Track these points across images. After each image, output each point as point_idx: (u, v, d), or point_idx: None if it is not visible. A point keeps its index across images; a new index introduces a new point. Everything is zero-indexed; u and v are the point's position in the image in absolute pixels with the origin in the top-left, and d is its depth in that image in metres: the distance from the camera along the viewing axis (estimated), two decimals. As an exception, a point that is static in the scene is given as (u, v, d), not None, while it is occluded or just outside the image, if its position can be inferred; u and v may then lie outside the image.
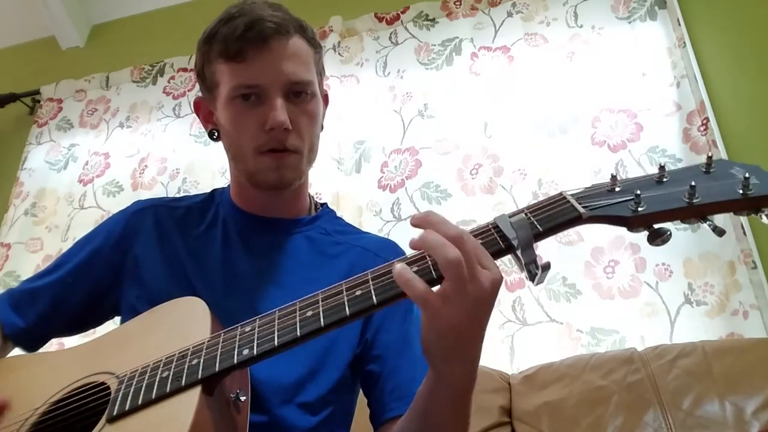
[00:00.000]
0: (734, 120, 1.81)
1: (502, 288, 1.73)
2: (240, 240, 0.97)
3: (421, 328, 0.66)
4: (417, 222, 0.65)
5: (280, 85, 0.89)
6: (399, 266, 0.63)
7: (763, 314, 1.54)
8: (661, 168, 0.66)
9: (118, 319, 0.99)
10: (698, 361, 1.37)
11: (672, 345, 1.47)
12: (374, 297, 0.65)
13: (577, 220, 0.64)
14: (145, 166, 2.36)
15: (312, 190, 1.98)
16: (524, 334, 1.72)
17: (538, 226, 0.64)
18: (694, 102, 1.80)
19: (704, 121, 1.74)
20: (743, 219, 1.63)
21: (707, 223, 0.63)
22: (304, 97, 0.92)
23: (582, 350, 1.63)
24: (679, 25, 1.91)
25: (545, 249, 1.76)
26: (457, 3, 2.23)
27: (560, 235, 1.77)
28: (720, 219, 1.63)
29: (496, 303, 2.05)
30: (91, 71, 2.66)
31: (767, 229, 1.65)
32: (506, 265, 1.72)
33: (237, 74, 0.89)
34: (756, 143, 1.77)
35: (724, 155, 1.71)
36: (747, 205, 0.62)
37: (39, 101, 2.72)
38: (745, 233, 1.61)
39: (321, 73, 0.99)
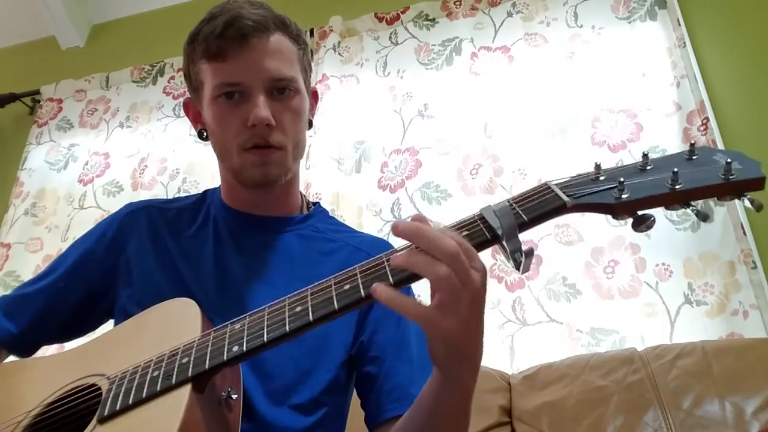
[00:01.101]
0: (734, 120, 1.81)
1: (502, 288, 1.77)
2: (231, 239, 0.97)
3: (426, 340, 0.66)
4: (402, 233, 0.63)
5: (261, 82, 0.89)
6: (384, 291, 0.62)
7: (763, 314, 1.54)
8: (645, 156, 0.66)
9: (112, 322, 0.99)
10: (698, 361, 1.37)
11: (672, 345, 1.46)
12: (362, 290, 0.65)
13: (561, 208, 0.64)
14: (145, 166, 2.36)
15: (312, 190, 2.01)
16: (524, 334, 1.71)
17: (523, 216, 0.64)
18: (694, 102, 1.79)
19: (704, 121, 1.74)
20: (743, 219, 1.63)
21: (690, 208, 0.63)
22: (287, 93, 0.92)
23: (582, 350, 1.63)
24: (679, 25, 1.91)
25: (545, 249, 1.76)
26: (457, 3, 2.23)
27: (560, 235, 1.77)
28: (719, 219, 1.64)
29: (496, 303, 2.03)
30: (91, 71, 2.66)
31: (767, 229, 1.65)
32: (506, 265, 1.72)
33: (219, 73, 0.90)
34: (756, 143, 1.77)
35: (723, 155, 1.71)
36: (729, 189, 0.62)
37: (39, 101, 2.72)
38: (745, 233, 1.61)
39: (306, 69, 0.98)
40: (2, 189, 2.58)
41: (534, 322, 1.72)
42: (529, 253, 0.62)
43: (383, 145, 2.10)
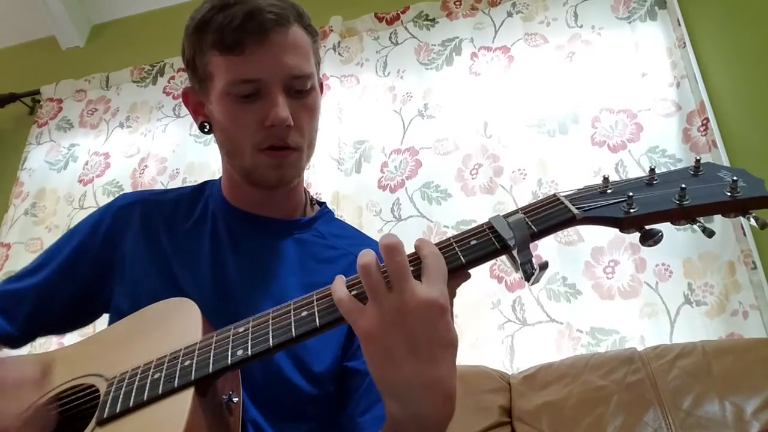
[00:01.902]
0: (734, 120, 1.81)
1: (503, 288, 1.77)
2: (229, 238, 0.92)
3: None
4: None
5: (280, 79, 0.84)
6: (336, 278, 0.64)
7: (763, 314, 1.54)
8: (652, 170, 0.67)
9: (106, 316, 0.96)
10: (698, 361, 1.37)
11: (672, 345, 1.47)
12: None
13: (571, 221, 0.65)
14: (145, 166, 2.37)
15: (312, 190, 2.01)
16: (524, 334, 1.71)
17: (533, 227, 0.64)
18: (694, 102, 1.80)
19: (704, 121, 1.74)
20: (743, 220, 1.63)
21: (697, 224, 0.64)
22: (304, 90, 0.87)
23: (582, 350, 1.63)
24: (679, 25, 1.91)
25: (545, 248, 1.76)
26: (457, 3, 2.23)
27: (560, 235, 1.78)
28: (719, 219, 1.64)
29: (496, 303, 2.00)
30: (91, 71, 2.67)
31: (767, 230, 1.65)
32: (507, 265, 1.72)
33: (234, 67, 0.83)
34: (756, 143, 1.77)
35: (724, 155, 1.71)
36: (735, 206, 0.63)
37: (39, 101, 2.72)
38: (745, 234, 1.61)
39: (318, 62, 0.94)
40: (2, 189, 2.58)
41: (534, 322, 1.72)
42: (544, 267, 0.62)
43: (383, 145, 2.10)
